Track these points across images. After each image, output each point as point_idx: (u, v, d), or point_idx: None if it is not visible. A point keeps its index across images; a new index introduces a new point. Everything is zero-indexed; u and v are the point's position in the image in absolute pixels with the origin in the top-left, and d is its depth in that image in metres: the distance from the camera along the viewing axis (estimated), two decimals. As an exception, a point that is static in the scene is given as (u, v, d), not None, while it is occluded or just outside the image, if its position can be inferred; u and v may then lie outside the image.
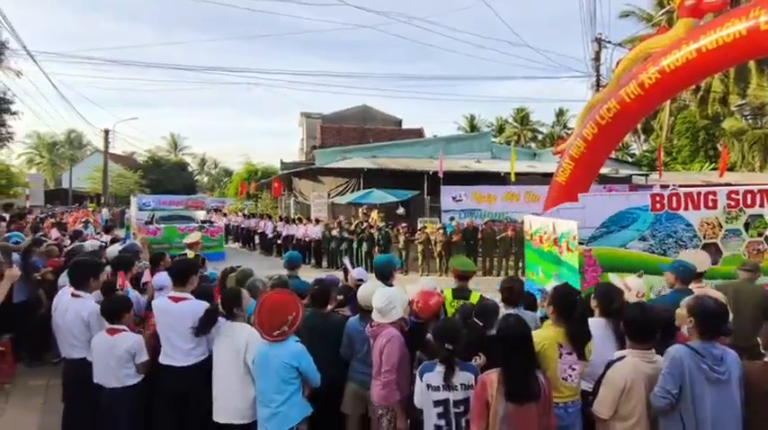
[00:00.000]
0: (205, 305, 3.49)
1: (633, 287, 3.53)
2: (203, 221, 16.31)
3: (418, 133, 29.29)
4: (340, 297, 3.80)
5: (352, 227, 14.31)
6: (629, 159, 32.32)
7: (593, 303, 3.15)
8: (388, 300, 3.08)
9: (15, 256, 6.18)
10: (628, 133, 22.46)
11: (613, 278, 3.71)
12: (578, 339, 2.71)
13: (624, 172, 21.01)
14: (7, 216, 9.41)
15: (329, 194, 19.40)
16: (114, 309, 3.43)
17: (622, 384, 2.48)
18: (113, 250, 6.04)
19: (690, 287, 3.70)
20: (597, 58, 18.94)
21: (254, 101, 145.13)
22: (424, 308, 3.25)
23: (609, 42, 18.98)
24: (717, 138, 26.93)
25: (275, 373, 2.86)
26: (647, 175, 21.10)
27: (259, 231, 18.63)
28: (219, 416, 3.11)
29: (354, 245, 13.50)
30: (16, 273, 3.71)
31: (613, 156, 22.55)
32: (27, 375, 5.69)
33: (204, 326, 3.15)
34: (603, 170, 16.07)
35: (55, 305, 3.91)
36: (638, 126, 28.57)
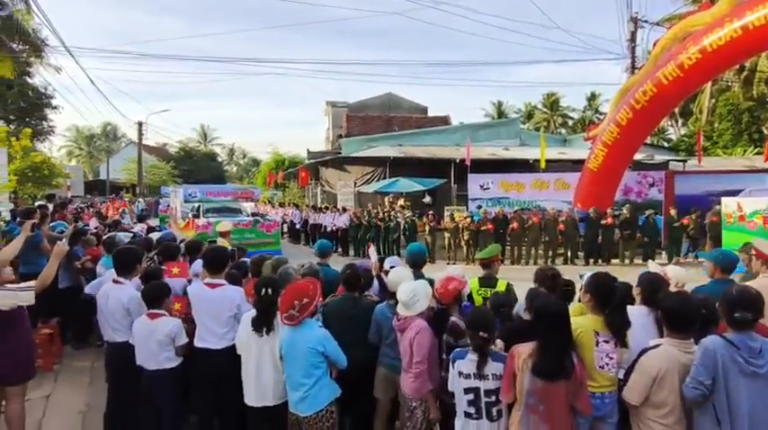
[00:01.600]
0: (239, 290, 3.60)
1: (673, 276, 3.42)
2: (253, 214, 14.66)
3: (444, 121, 28.96)
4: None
5: (381, 215, 14.36)
6: (666, 144, 31.08)
7: (636, 291, 3.09)
8: (412, 293, 3.09)
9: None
10: (664, 117, 21.56)
11: (652, 267, 3.59)
12: (618, 327, 2.66)
13: (660, 158, 20.22)
14: (50, 206, 9.87)
15: (355, 183, 19.49)
16: (154, 295, 3.57)
17: (655, 372, 2.43)
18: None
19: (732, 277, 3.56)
20: (633, 39, 18.21)
21: (280, 91, 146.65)
22: (444, 293, 3.28)
23: (646, 22, 18.22)
24: (762, 120, 25.52)
25: (302, 359, 2.91)
26: (684, 161, 20.24)
27: (287, 220, 18.93)
28: (249, 399, 3.20)
29: (381, 233, 13.56)
30: (65, 248, 3.86)
31: (648, 142, 21.73)
32: (73, 357, 6.02)
33: (265, 324, 3.09)
34: (638, 156, 15.53)
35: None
36: (676, 109, 27.35)
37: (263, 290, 3.11)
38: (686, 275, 3.53)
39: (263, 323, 3.07)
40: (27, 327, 3.69)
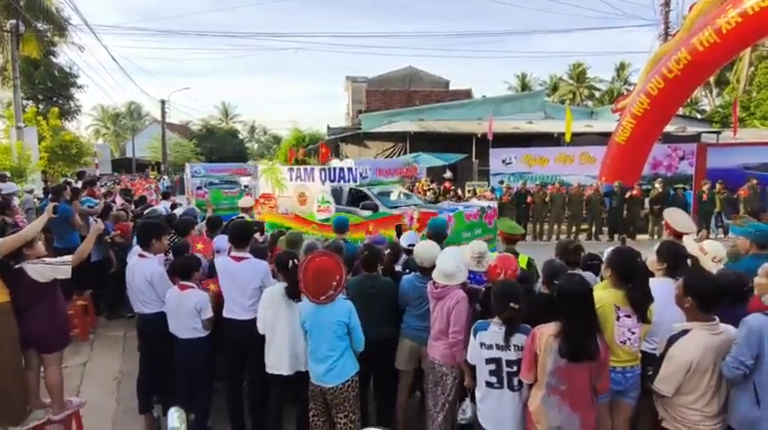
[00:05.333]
0: (263, 264, 3.68)
1: (710, 251, 3.27)
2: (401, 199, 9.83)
3: (466, 94, 28.33)
4: (387, 251, 3.87)
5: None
6: (699, 116, 29.78)
7: (659, 264, 2.99)
8: (456, 263, 3.12)
9: (90, 219, 6.76)
10: (698, 87, 20.50)
11: (688, 242, 3.46)
12: (639, 302, 2.60)
13: (692, 129, 19.37)
14: (80, 183, 10.16)
15: (376, 158, 19.41)
16: (185, 267, 3.69)
17: (688, 362, 2.35)
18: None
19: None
20: (667, 3, 17.26)
21: (300, 67, 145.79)
22: (513, 274, 3.20)
23: (681, -16, 17.17)
24: (804, 89, 24.11)
25: (329, 331, 2.97)
26: (718, 133, 19.35)
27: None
28: (281, 369, 3.29)
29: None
30: (101, 227, 4.16)
31: (680, 113, 20.81)
32: (106, 327, 6.30)
33: (297, 294, 3.18)
34: (669, 128, 14.91)
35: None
36: (711, 78, 26.05)
37: (290, 262, 3.20)
38: (724, 250, 3.38)
39: (295, 293, 3.14)
40: (60, 298, 3.83)
